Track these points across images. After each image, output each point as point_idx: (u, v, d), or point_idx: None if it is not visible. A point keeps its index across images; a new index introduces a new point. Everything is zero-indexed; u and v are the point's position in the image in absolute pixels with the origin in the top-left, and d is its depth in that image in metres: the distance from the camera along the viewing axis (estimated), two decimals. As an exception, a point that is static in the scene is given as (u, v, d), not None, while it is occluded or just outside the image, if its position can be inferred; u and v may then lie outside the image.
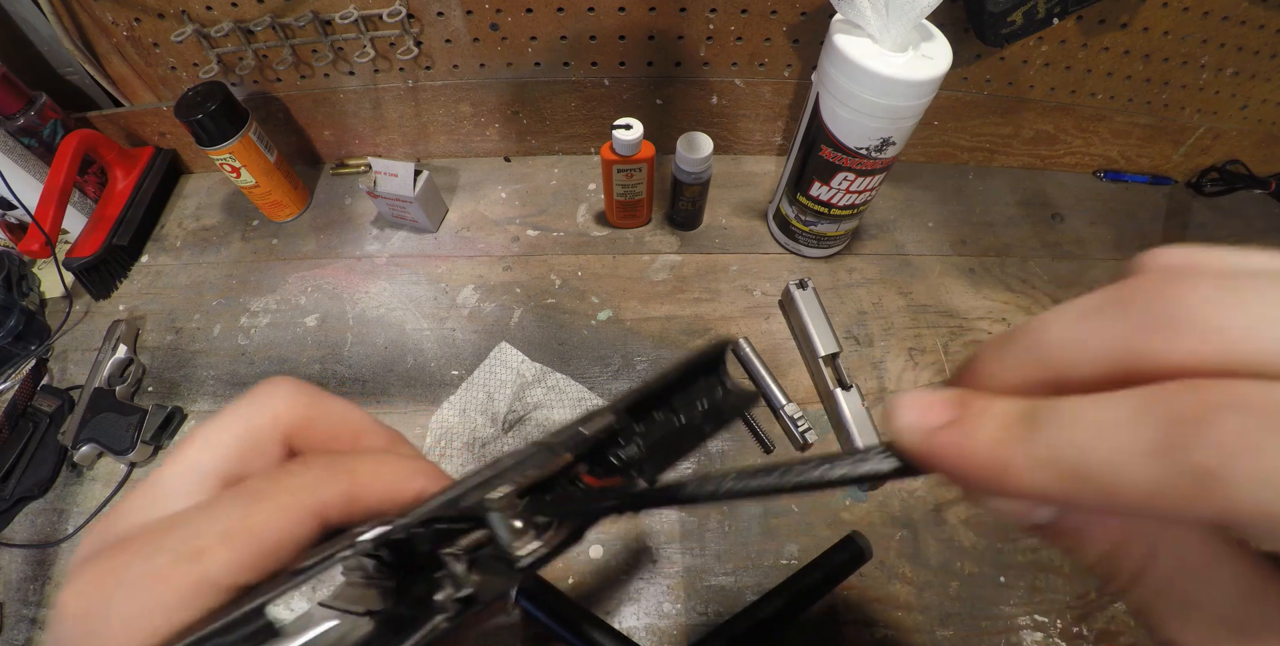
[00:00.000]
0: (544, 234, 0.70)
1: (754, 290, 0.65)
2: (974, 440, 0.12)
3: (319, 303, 0.65)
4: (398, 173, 0.62)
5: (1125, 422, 0.11)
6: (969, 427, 0.13)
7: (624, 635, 0.45)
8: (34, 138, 0.63)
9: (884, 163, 0.53)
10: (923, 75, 0.45)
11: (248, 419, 0.18)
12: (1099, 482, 0.11)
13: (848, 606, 0.48)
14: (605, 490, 0.18)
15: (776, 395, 0.56)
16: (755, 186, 0.73)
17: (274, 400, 0.18)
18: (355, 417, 0.19)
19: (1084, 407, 0.11)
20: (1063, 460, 0.11)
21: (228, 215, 0.72)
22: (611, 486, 0.17)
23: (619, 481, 0.19)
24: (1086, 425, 0.11)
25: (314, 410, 0.18)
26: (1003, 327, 0.64)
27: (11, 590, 0.50)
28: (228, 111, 0.59)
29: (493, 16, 0.61)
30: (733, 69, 0.66)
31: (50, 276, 0.67)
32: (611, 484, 0.19)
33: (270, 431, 0.18)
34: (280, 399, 0.18)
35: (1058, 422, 0.11)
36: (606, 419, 0.19)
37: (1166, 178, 0.77)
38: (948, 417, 0.13)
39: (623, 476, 0.20)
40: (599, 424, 0.18)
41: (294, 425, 0.18)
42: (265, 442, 0.18)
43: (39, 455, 0.55)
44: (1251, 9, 0.60)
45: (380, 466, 0.18)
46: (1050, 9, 0.55)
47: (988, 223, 0.72)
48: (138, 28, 0.61)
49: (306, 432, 0.18)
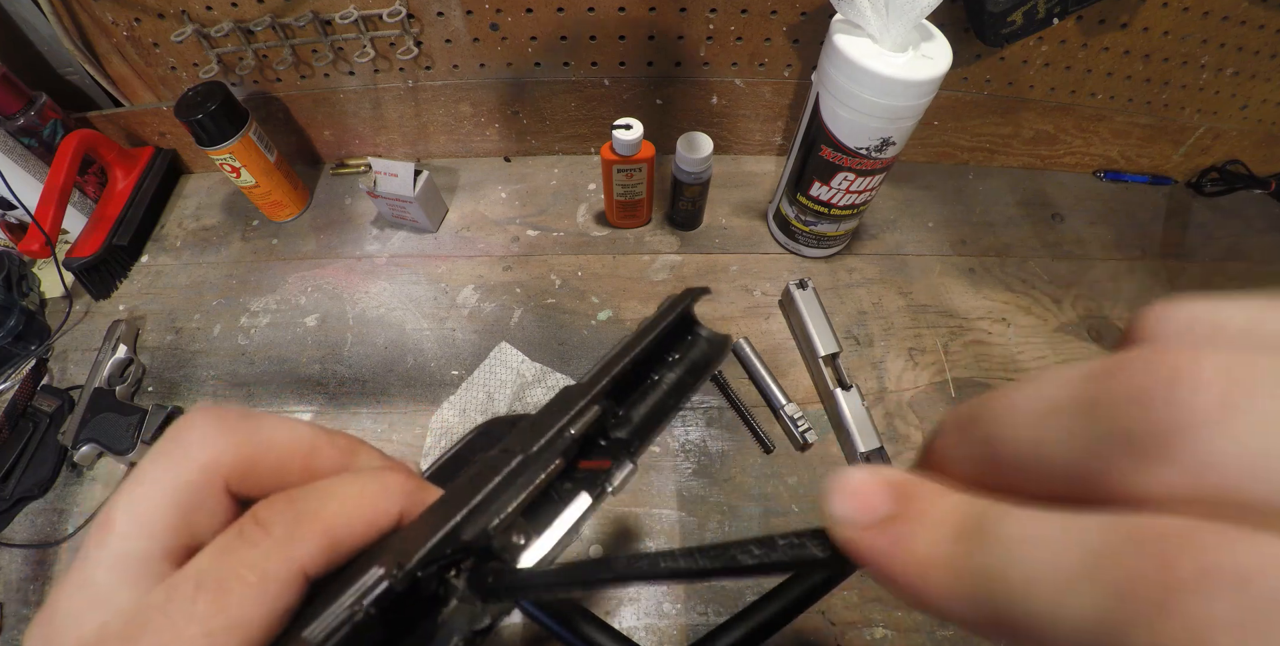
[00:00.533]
0: (544, 234, 0.70)
1: (754, 290, 0.65)
2: (903, 548, 0.11)
3: (319, 303, 0.65)
4: (398, 173, 0.62)
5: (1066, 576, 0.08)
6: (903, 531, 0.11)
7: (624, 635, 0.45)
8: (34, 138, 0.63)
9: (884, 163, 0.53)
10: (923, 75, 0.45)
11: (176, 476, 0.15)
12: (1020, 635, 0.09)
13: (848, 606, 0.48)
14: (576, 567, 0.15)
15: (776, 395, 0.56)
16: (755, 186, 0.73)
17: (199, 447, 0.15)
18: (298, 436, 0.17)
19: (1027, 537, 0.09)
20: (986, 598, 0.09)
21: (228, 215, 0.72)
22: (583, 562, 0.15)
23: (608, 464, 0.19)
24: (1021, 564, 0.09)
25: (249, 446, 0.16)
26: (1003, 327, 0.64)
27: (11, 590, 0.50)
28: (228, 111, 0.59)
29: (493, 16, 0.61)
30: (733, 69, 0.66)
31: (50, 276, 0.67)
32: (601, 465, 0.19)
33: (205, 486, 0.15)
34: (206, 443, 0.16)
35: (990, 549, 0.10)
36: (591, 412, 0.18)
37: (1166, 178, 0.77)
38: (885, 512, 0.11)
39: (612, 457, 0.19)
40: (585, 418, 0.18)
41: (233, 469, 0.16)
42: (204, 500, 0.15)
43: (39, 455, 0.55)
44: (1251, 9, 0.60)
45: (351, 499, 0.16)
46: (1050, 9, 0.55)
47: (988, 223, 0.72)
48: (138, 28, 0.61)
49: (248, 473, 0.16)
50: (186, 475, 0.15)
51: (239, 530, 0.15)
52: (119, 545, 0.14)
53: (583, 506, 0.18)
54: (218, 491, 0.15)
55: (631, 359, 0.18)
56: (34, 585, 0.51)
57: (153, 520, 0.15)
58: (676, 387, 0.20)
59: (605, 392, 0.18)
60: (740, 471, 0.55)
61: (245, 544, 0.14)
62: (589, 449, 0.19)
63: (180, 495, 0.15)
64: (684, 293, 0.20)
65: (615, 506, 0.53)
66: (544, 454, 0.17)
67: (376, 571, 0.14)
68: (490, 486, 0.16)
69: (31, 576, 0.51)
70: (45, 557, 0.52)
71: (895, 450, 0.55)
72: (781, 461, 0.55)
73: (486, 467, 0.17)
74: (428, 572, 0.15)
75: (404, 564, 0.14)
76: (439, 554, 0.15)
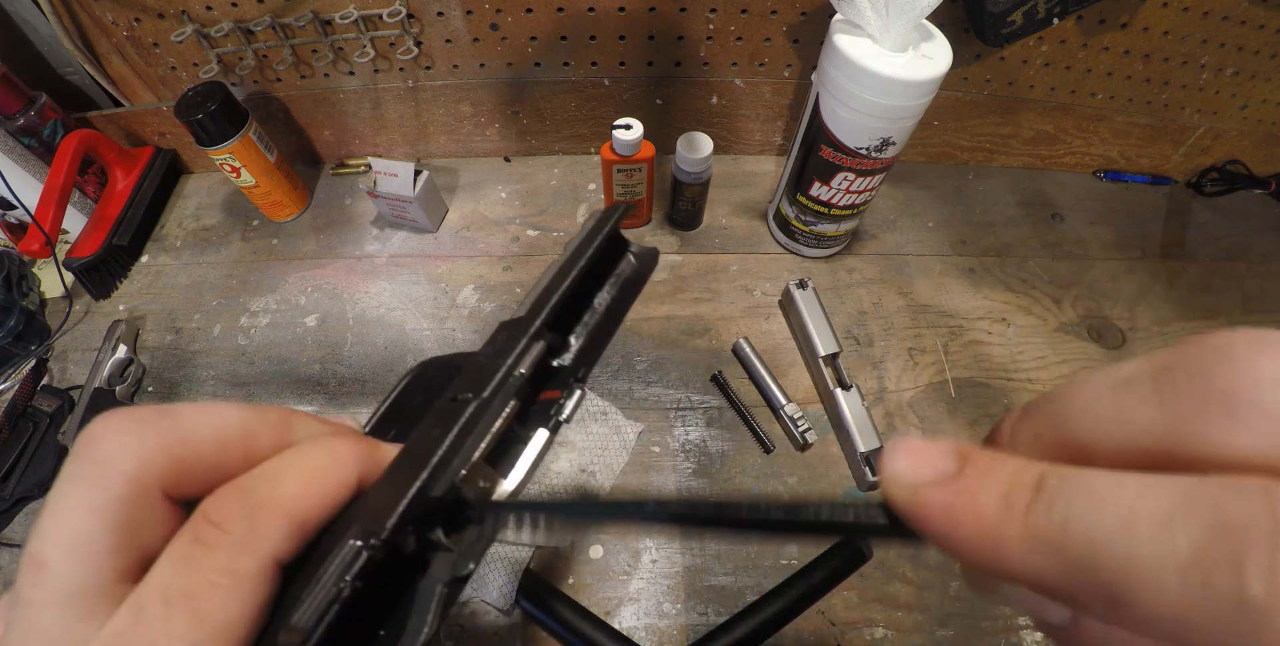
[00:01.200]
0: (544, 234, 0.70)
1: (754, 290, 0.65)
2: (969, 503, 0.10)
3: (319, 303, 0.65)
4: (398, 173, 0.62)
5: (1159, 517, 0.08)
6: (967, 486, 0.10)
7: (624, 635, 0.45)
8: (34, 138, 0.63)
9: (884, 163, 0.53)
10: (923, 75, 0.45)
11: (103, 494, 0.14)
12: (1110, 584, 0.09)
13: (848, 606, 0.48)
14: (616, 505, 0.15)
15: (776, 395, 0.56)
16: (755, 186, 0.73)
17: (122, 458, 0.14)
18: (227, 422, 0.15)
19: (1111, 487, 0.09)
20: (1070, 546, 0.09)
21: (228, 215, 0.72)
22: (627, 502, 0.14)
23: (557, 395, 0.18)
24: (1110, 508, 0.09)
25: (177, 445, 0.14)
26: (1003, 327, 0.64)
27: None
28: (228, 111, 0.59)
29: (493, 16, 0.61)
30: (733, 69, 0.66)
31: (50, 276, 0.67)
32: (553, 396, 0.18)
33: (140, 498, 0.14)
34: (128, 451, 0.14)
35: (1073, 497, 0.09)
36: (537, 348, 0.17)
37: (1166, 178, 0.77)
38: (946, 471, 0.11)
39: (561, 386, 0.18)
40: (532, 355, 0.17)
41: (165, 473, 0.14)
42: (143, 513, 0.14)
43: (39, 455, 0.55)
44: (1251, 9, 0.60)
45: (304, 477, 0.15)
46: (1050, 9, 0.55)
47: (988, 223, 0.72)
48: (138, 28, 0.61)
49: (184, 473, 0.14)
50: (115, 490, 0.14)
51: (194, 535, 0.14)
52: (59, 583, 0.13)
53: (541, 441, 0.18)
54: (155, 500, 0.14)
55: (568, 288, 0.18)
56: (34, 585, 0.51)
57: (91, 547, 0.13)
58: (613, 307, 0.20)
59: (546, 326, 0.18)
60: (740, 471, 0.55)
61: (205, 548, 0.13)
62: (538, 383, 0.18)
63: (114, 513, 0.13)
64: (608, 209, 0.20)
65: (615, 506, 0.53)
66: (497, 397, 0.17)
67: (354, 544, 0.14)
68: (450, 438, 0.16)
69: (31, 576, 0.51)
70: (45, 557, 0.52)
71: (895, 450, 0.55)
72: (781, 461, 0.55)
73: (442, 418, 0.17)
74: (404, 534, 0.15)
75: (379, 532, 0.14)
76: (412, 515, 0.14)
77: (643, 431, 0.56)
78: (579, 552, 0.51)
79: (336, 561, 0.13)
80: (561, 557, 0.50)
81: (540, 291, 0.18)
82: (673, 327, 0.62)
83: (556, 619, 0.45)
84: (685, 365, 0.60)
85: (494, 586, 0.46)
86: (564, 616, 0.45)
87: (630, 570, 0.50)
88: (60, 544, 0.13)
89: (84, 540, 0.13)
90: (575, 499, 0.15)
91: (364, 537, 0.14)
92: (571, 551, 0.51)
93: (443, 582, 0.15)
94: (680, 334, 0.62)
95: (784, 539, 0.13)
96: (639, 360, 0.60)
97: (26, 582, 0.13)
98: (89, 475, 0.14)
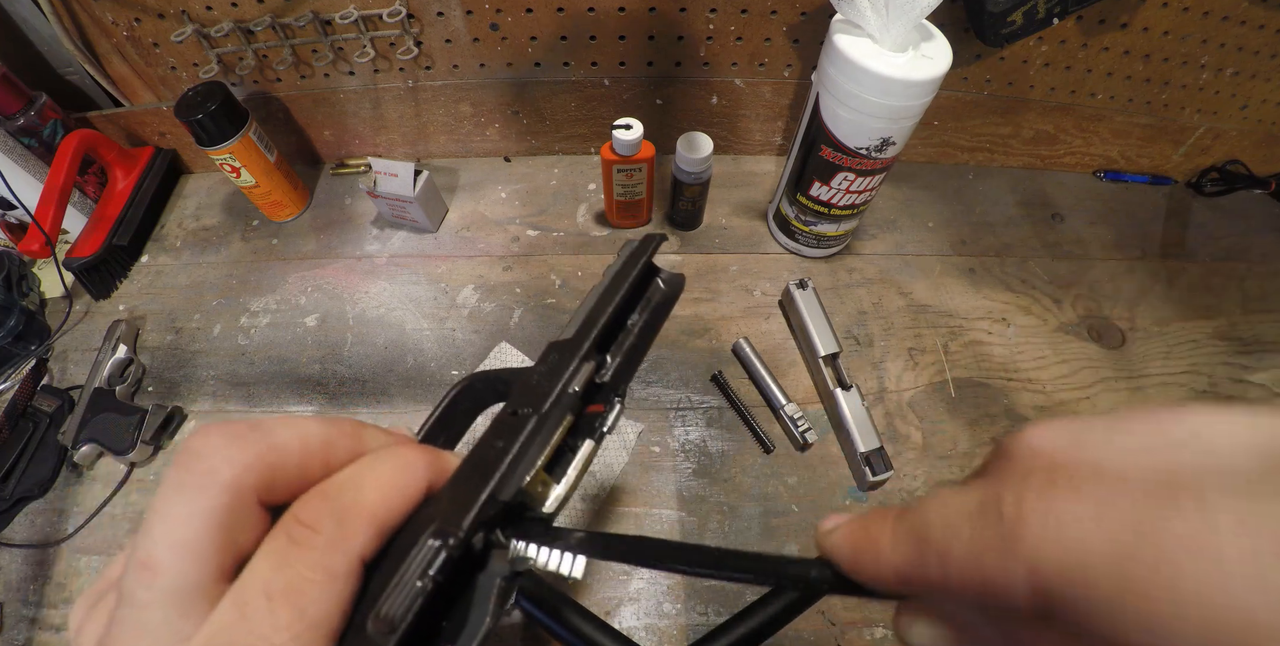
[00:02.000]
0: (544, 234, 0.70)
1: (754, 290, 0.65)
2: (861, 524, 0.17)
3: (319, 303, 0.65)
4: (398, 173, 0.62)
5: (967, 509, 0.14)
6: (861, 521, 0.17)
7: (624, 635, 0.45)
8: (34, 138, 0.63)
9: (884, 163, 0.53)
10: (923, 75, 0.45)
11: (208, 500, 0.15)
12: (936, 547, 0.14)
13: (848, 606, 0.48)
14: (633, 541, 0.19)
15: (776, 395, 0.56)
16: (755, 186, 0.73)
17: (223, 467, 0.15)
18: (310, 435, 0.17)
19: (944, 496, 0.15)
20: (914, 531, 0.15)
21: (228, 215, 0.72)
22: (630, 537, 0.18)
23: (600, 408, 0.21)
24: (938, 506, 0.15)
25: (270, 454, 0.16)
26: (1003, 327, 0.64)
27: (11, 590, 0.50)
28: (228, 111, 0.59)
29: (493, 16, 0.61)
30: (733, 69, 0.66)
31: (50, 276, 0.67)
32: (597, 410, 0.21)
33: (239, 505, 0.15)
34: (228, 461, 0.15)
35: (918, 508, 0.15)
36: (587, 368, 0.19)
37: (1166, 178, 0.77)
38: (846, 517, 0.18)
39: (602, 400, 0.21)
40: (584, 375, 0.19)
41: (259, 481, 0.16)
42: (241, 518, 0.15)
43: (39, 455, 0.55)
44: (1251, 9, 0.60)
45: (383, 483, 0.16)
46: (1050, 9, 0.55)
47: (988, 223, 0.72)
48: (138, 28, 0.61)
49: (273, 481, 0.16)
50: (218, 497, 0.15)
51: (287, 536, 0.15)
52: (168, 582, 0.14)
53: (588, 450, 0.20)
54: (251, 505, 0.16)
55: (612, 313, 0.20)
56: (34, 585, 0.51)
57: (199, 549, 0.15)
58: (646, 329, 0.22)
59: (595, 348, 0.20)
60: (740, 471, 0.55)
61: (300, 547, 0.15)
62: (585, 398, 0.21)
63: (218, 518, 0.15)
64: (644, 240, 0.22)
65: (616, 506, 0.53)
66: (555, 412, 0.19)
67: (433, 543, 0.15)
68: (515, 448, 0.18)
69: (31, 576, 0.51)
70: (45, 557, 0.52)
71: (895, 450, 0.55)
72: (781, 461, 0.55)
73: (504, 430, 0.18)
74: (475, 534, 0.16)
75: (455, 532, 0.15)
76: (485, 516, 0.16)
77: (643, 431, 0.56)
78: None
79: (419, 559, 0.15)
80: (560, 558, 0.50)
81: (586, 315, 0.21)
82: (673, 328, 0.62)
83: (556, 619, 0.45)
84: (685, 365, 0.60)
85: (494, 586, 0.46)
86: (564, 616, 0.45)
87: (630, 570, 0.50)
88: (169, 546, 0.15)
89: (191, 543, 0.15)
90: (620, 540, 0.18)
91: (442, 537, 0.15)
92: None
93: (501, 577, 0.17)
94: (680, 334, 0.62)
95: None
96: (639, 360, 0.60)
97: (137, 584, 0.14)
98: (193, 484, 0.15)
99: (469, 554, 0.17)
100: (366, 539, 0.15)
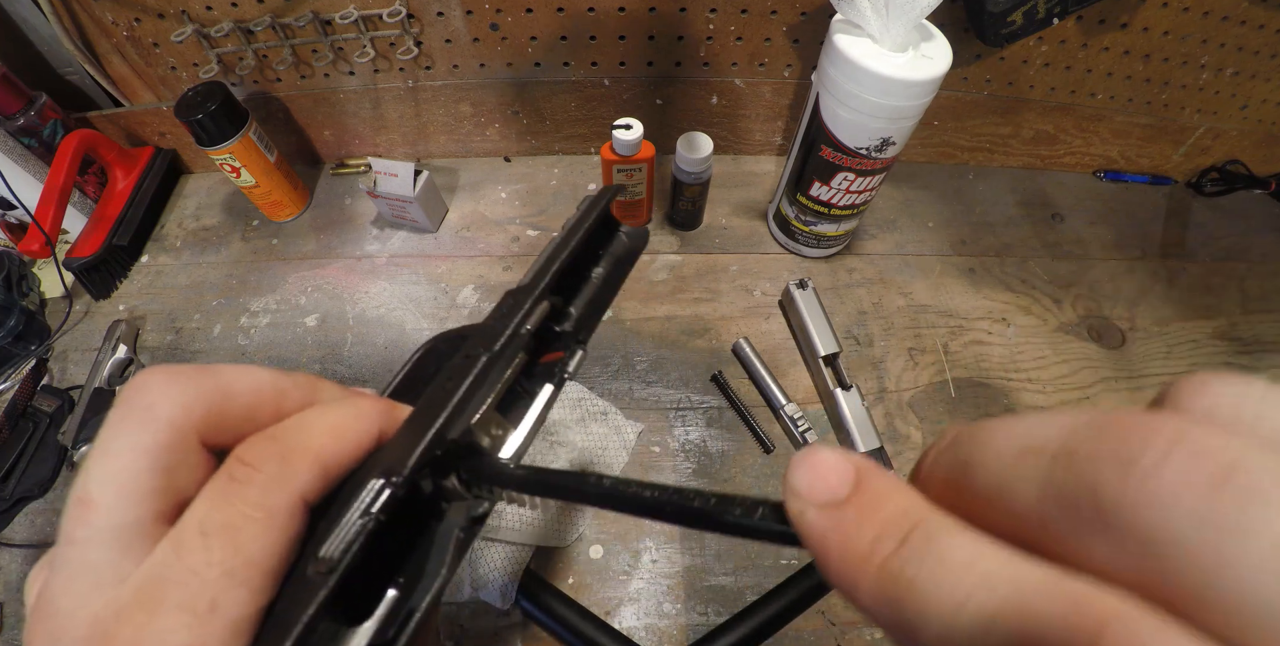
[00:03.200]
0: (544, 234, 0.70)
1: (754, 290, 0.65)
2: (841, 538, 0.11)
3: (319, 303, 0.65)
4: (398, 173, 0.62)
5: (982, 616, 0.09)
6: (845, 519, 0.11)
7: (624, 635, 0.45)
8: (34, 138, 0.63)
9: (884, 163, 0.53)
10: (923, 75, 0.45)
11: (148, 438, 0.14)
12: None
13: (848, 606, 0.48)
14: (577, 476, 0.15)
15: (776, 395, 0.56)
16: (755, 186, 0.73)
17: (164, 405, 0.15)
18: (261, 381, 0.17)
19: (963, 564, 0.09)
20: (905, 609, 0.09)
21: (228, 215, 0.72)
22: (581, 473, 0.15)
23: (560, 355, 0.20)
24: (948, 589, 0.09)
25: (216, 395, 0.15)
26: (1003, 327, 0.64)
27: (11, 590, 0.50)
28: (228, 111, 0.59)
29: (493, 16, 0.61)
30: (733, 69, 0.66)
31: (50, 276, 0.66)
32: (556, 357, 0.20)
33: (180, 443, 0.15)
34: (171, 399, 0.15)
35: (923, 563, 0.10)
36: (541, 308, 0.19)
37: (1166, 178, 0.77)
38: (836, 496, 0.11)
39: (563, 347, 0.20)
40: (537, 314, 0.19)
41: (204, 421, 0.15)
42: (183, 457, 0.15)
43: (39, 455, 0.55)
44: (1251, 9, 0.60)
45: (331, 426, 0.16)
46: (1050, 9, 0.55)
47: (988, 223, 0.72)
48: (138, 28, 0.61)
49: (219, 423, 0.15)
50: (158, 435, 0.14)
51: (229, 475, 0.15)
52: (105, 519, 0.14)
53: (546, 394, 0.20)
54: (192, 445, 0.15)
55: (566, 257, 0.20)
56: (34, 585, 0.51)
57: (136, 487, 0.14)
58: (608, 280, 0.22)
59: (549, 290, 0.20)
60: (740, 471, 0.55)
61: (240, 485, 0.14)
62: (542, 345, 0.20)
63: (158, 456, 0.14)
64: (600, 192, 0.22)
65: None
66: (506, 351, 0.18)
67: (376, 482, 0.15)
68: (465, 386, 0.17)
69: (31, 576, 0.51)
70: (45, 557, 0.52)
71: (895, 450, 0.55)
72: (781, 461, 0.55)
73: (456, 372, 0.18)
74: (423, 475, 0.16)
75: (400, 470, 0.15)
76: (431, 455, 0.16)
77: (643, 431, 0.56)
78: (579, 552, 0.51)
79: (360, 499, 0.15)
80: (561, 557, 0.50)
81: (541, 262, 0.20)
82: (673, 328, 0.62)
83: (556, 619, 0.45)
84: (685, 365, 0.60)
85: (494, 586, 0.46)
86: (564, 616, 0.45)
87: (630, 570, 0.50)
88: (106, 482, 0.14)
89: (128, 479, 0.14)
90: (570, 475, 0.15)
91: (385, 475, 0.15)
92: (572, 551, 0.51)
93: (459, 526, 0.17)
94: (680, 334, 0.62)
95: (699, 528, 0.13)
96: (639, 360, 0.60)
97: (74, 521, 0.14)
98: (134, 419, 0.15)
99: (418, 496, 0.16)
100: (310, 479, 0.15)
